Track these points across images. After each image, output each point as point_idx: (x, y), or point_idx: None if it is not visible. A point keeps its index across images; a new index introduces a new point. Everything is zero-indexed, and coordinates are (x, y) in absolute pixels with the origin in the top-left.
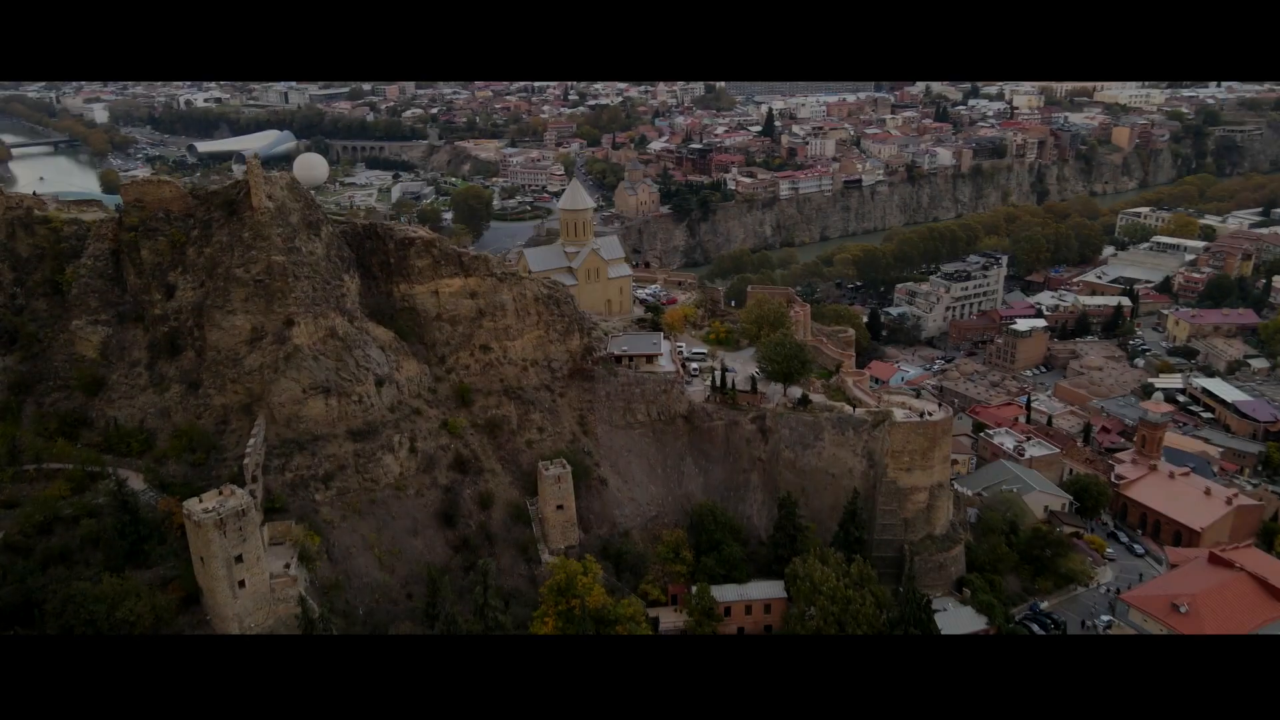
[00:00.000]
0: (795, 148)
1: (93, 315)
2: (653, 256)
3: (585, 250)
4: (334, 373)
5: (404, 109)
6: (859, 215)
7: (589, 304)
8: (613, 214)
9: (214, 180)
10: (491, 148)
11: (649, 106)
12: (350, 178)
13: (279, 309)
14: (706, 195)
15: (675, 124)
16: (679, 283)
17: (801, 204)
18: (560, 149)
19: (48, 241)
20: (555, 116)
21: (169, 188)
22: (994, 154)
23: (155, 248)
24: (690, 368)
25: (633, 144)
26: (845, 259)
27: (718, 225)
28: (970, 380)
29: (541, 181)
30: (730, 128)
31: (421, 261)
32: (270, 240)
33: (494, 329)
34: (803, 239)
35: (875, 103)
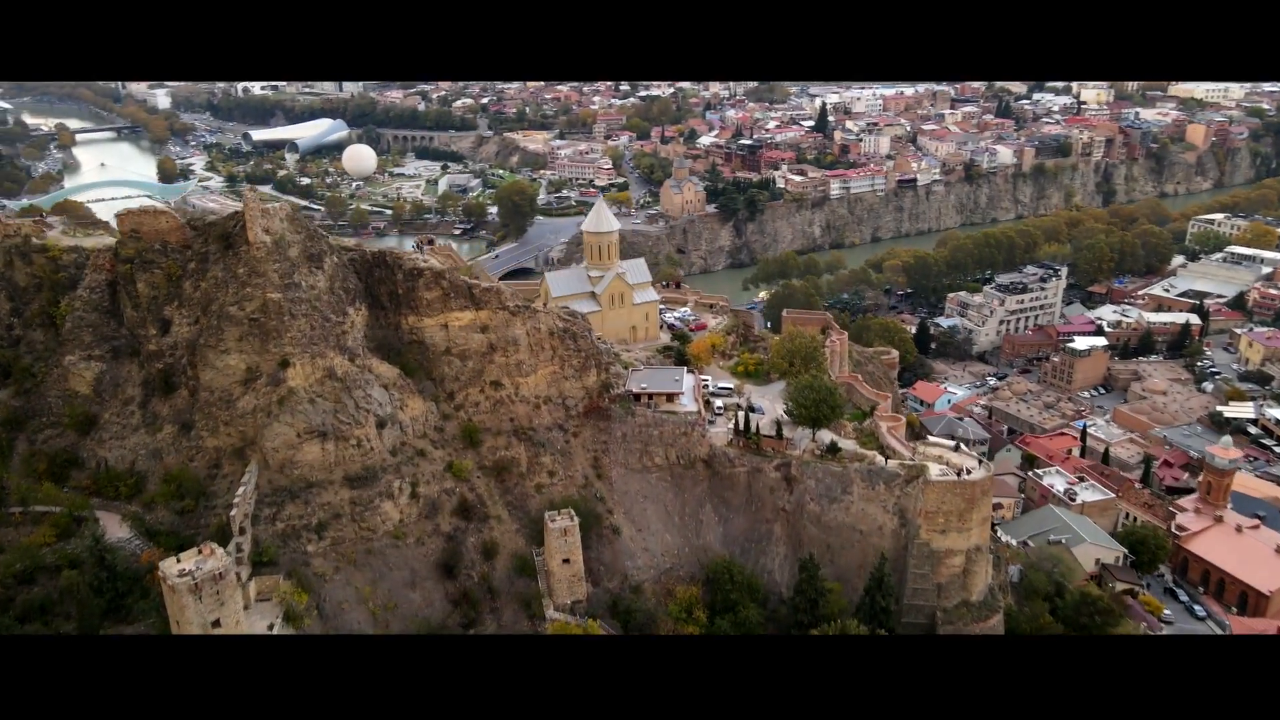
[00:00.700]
0: (848, 145)
1: (86, 351)
2: (697, 256)
3: (609, 275)
4: (331, 415)
5: (455, 99)
6: (912, 216)
7: (613, 331)
8: (657, 213)
9: (268, 168)
10: (540, 140)
11: (700, 98)
12: (399, 168)
13: (274, 349)
14: (754, 195)
15: (726, 117)
16: (710, 305)
17: (852, 204)
18: (609, 142)
19: (46, 271)
20: (605, 108)
21: (165, 218)
22: (1058, 152)
23: (151, 280)
24: (715, 405)
25: (682, 138)
26: (895, 265)
27: (765, 225)
28: (1023, 401)
29: (589, 175)
30: (782, 122)
31: (430, 293)
32: (266, 276)
33: (506, 364)
34: (853, 240)
35: (935, 96)
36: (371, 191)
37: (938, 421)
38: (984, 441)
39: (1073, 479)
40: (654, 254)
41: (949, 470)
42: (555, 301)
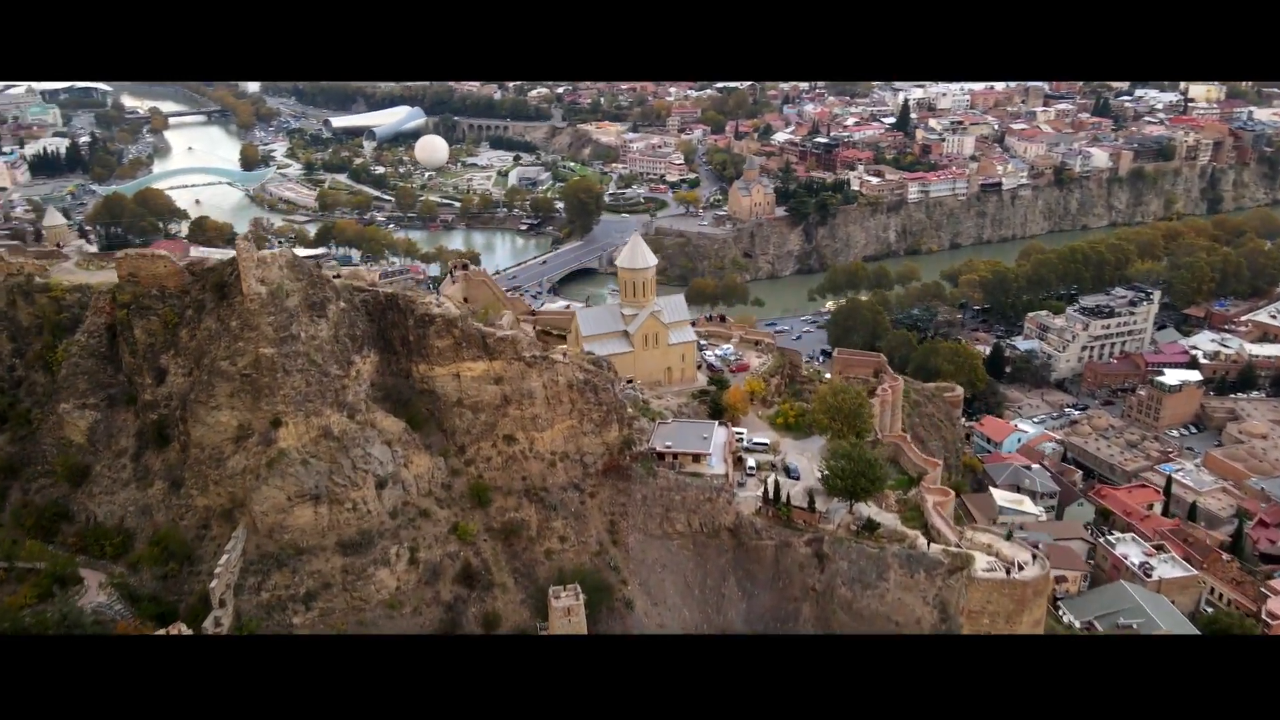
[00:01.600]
0: (930, 145)
1: (80, 399)
2: (764, 261)
3: (644, 314)
4: (326, 477)
5: (531, 88)
6: (996, 222)
7: (646, 372)
8: (725, 214)
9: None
10: (613, 132)
11: (779, 91)
12: (473, 158)
13: (266, 407)
14: (826, 198)
15: (804, 112)
16: (755, 342)
17: (931, 208)
18: (682, 136)
19: (48, 311)
20: (680, 100)
21: (163, 263)
22: (1159, 155)
23: (148, 327)
24: (747, 464)
25: (756, 134)
26: (971, 280)
27: (836, 229)
28: (1103, 438)
29: (660, 170)
30: (861, 119)
31: (442, 342)
32: (260, 330)
33: (520, 418)
34: (930, 246)
35: (1026, 92)
36: (443, 182)
37: (1003, 469)
38: (1053, 494)
39: (1150, 549)
40: (719, 257)
41: (998, 564)
42: (585, 340)
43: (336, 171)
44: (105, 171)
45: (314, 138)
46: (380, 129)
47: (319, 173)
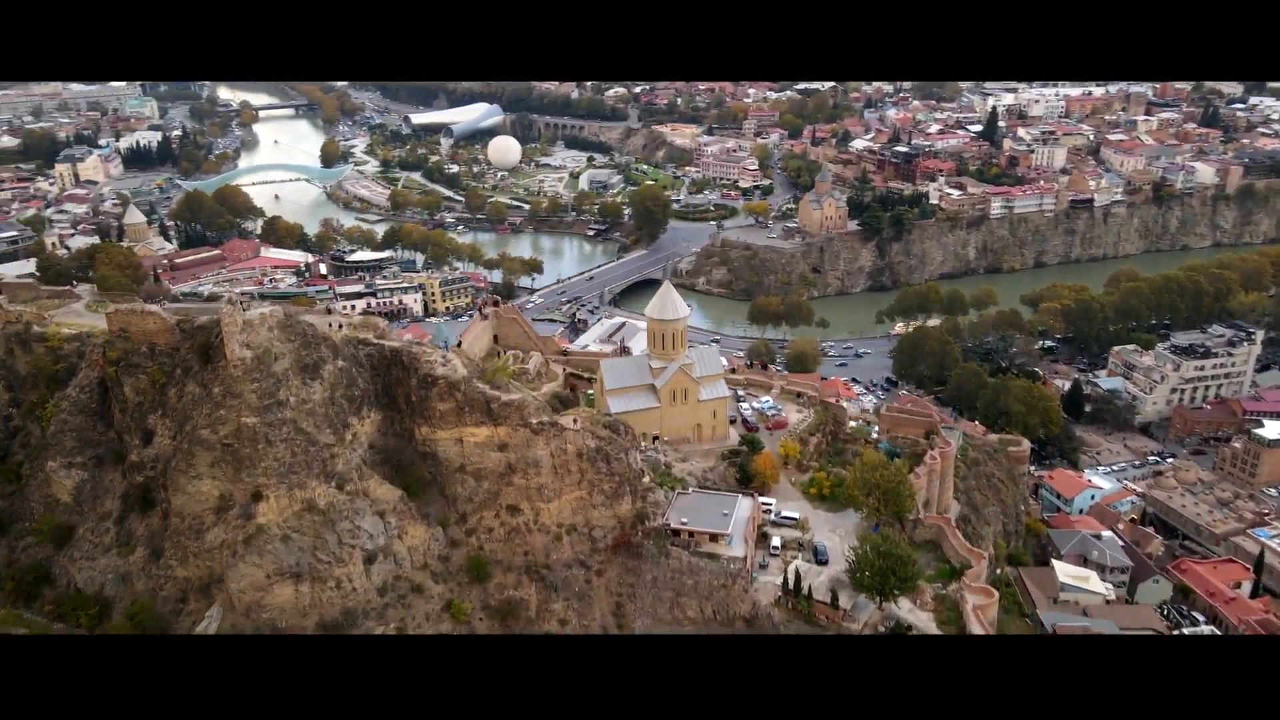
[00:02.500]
0: (1017, 156)
1: (67, 458)
2: (833, 277)
3: (672, 368)
4: (309, 554)
5: (608, 87)
6: (1085, 240)
7: (674, 429)
8: (794, 227)
9: (422, 153)
10: (688, 134)
11: (862, 94)
12: (547, 158)
13: (247, 478)
14: (901, 213)
15: (886, 117)
16: (798, 394)
17: (1015, 225)
18: (758, 140)
19: (45, 361)
20: (758, 102)
21: (153, 319)
22: (1272, 171)
23: (137, 385)
24: (771, 542)
25: (834, 140)
26: (1053, 309)
27: (912, 245)
28: (1189, 493)
29: (733, 175)
30: (946, 126)
31: (444, 405)
32: (243, 398)
33: (525, 488)
34: (1012, 265)
35: (1128, 99)
36: (515, 183)
37: (1069, 537)
38: (1124, 569)
39: None
40: (786, 272)
41: None
42: (609, 394)
43: (412, 169)
44: (192, 166)
45: (394, 134)
46: (458, 126)
47: (394, 170)
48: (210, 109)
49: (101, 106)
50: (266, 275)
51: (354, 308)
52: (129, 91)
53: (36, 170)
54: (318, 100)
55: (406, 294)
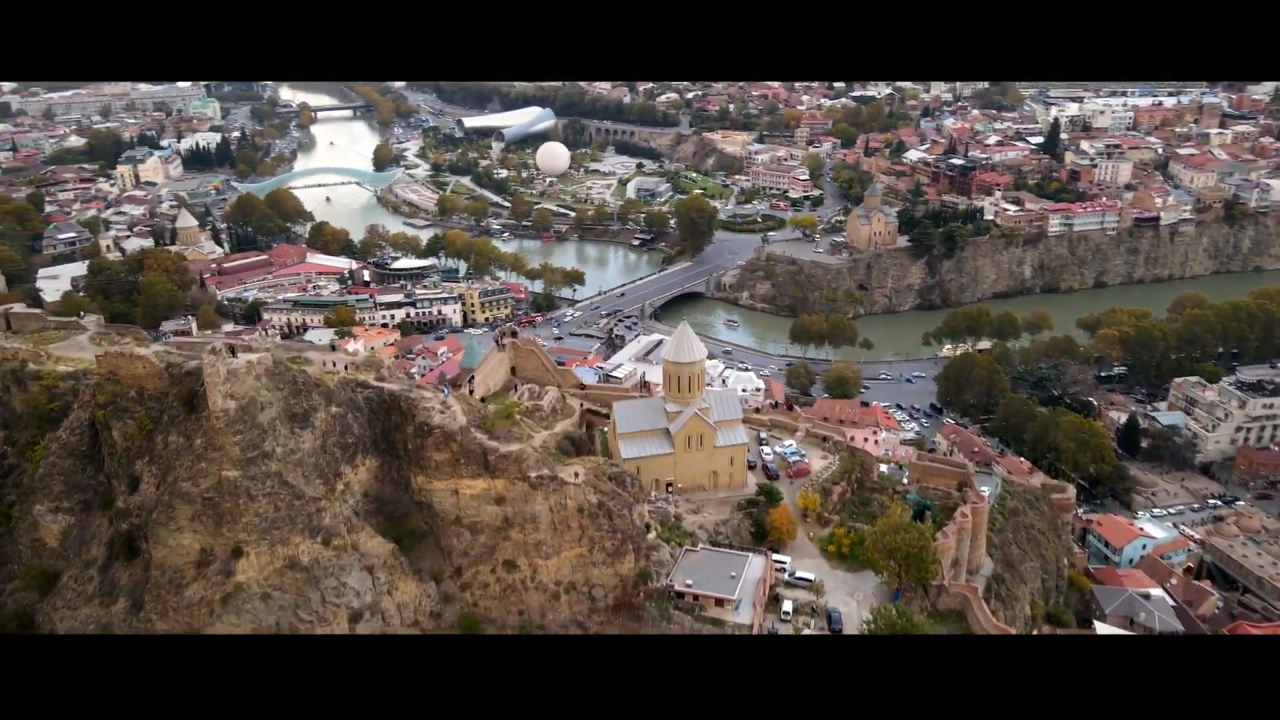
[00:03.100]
0: (1079, 171)
1: (54, 502)
2: (881, 295)
3: (688, 413)
4: (290, 612)
5: (660, 93)
6: (1150, 260)
7: (688, 476)
8: (842, 242)
9: (473, 157)
10: (739, 142)
11: (919, 101)
12: (596, 163)
13: (227, 533)
14: (953, 230)
15: (943, 127)
16: (824, 438)
17: (1074, 243)
18: (810, 148)
19: (39, 400)
20: (812, 109)
21: (142, 363)
22: None
23: (125, 430)
24: (782, 607)
25: (887, 150)
26: (1110, 336)
27: (964, 263)
28: (1253, 542)
29: (783, 185)
30: (1005, 137)
31: (440, 455)
32: (224, 450)
33: (523, 543)
34: (1070, 284)
35: (1201, 110)
36: (563, 189)
37: (1115, 596)
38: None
39: None
40: (832, 288)
41: None
42: (622, 438)
43: (462, 174)
44: (248, 168)
45: (446, 137)
46: (509, 130)
47: (444, 174)
48: (270, 110)
49: (167, 107)
50: (310, 281)
51: (393, 317)
52: (194, 92)
53: (99, 171)
54: (375, 102)
55: (445, 304)
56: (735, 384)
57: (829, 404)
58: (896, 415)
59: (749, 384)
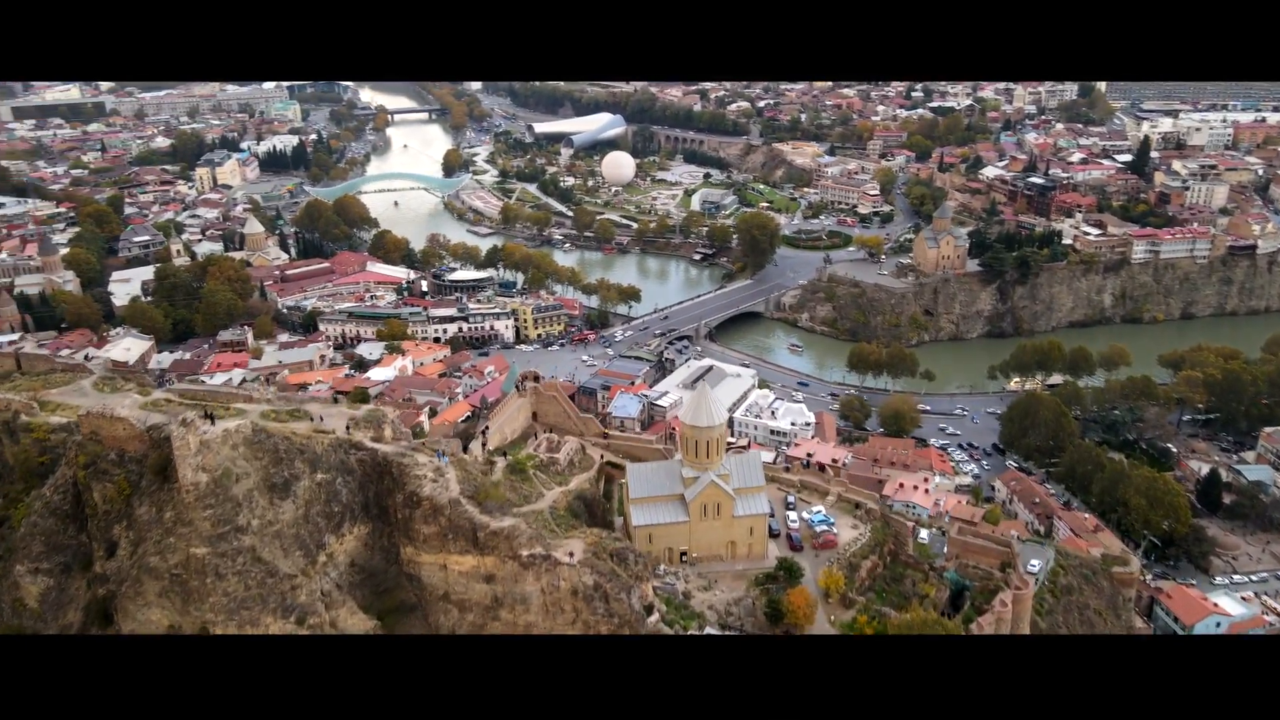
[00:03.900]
0: (1170, 193)
1: (34, 563)
2: (947, 321)
3: (704, 480)
4: None
5: (731, 100)
6: (1245, 291)
7: (704, 545)
8: (908, 264)
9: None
10: (809, 153)
11: (1001, 113)
12: (664, 172)
13: (195, 612)
14: (1027, 255)
15: (1024, 142)
16: (856, 505)
17: (1160, 271)
18: (882, 162)
19: (30, 453)
20: (887, 120)
21: (123, 425)
22: None
23: (104, 492)
24: None
25: (963, 165)
26: (1194, 378)
27: (1039, 289)
28: None
29: (852, 200)
30: (1091, 154)
31: (428, 528)
32: (194, 526)
33: (513, 624)
34: (1154, 314)
35: None
36: (628, 199)
37: None
38: None
39: None
40: (896, 313)
41: None
42: (633, 503)
43: (528, 181)
44: (321, 171)
45: (517, 142)
46: (579, 136)
47: (511, 181)
48: (348, 113)
49: (251, 109)
50: (369, 291)
51: (445, 331)
52: (277, 94)
53: (180, 173)
54: (449, 105)
55: (498, 319)
56: (785, 416)
57: (881, 442)
58: (955, 455)
59: (799, 417)
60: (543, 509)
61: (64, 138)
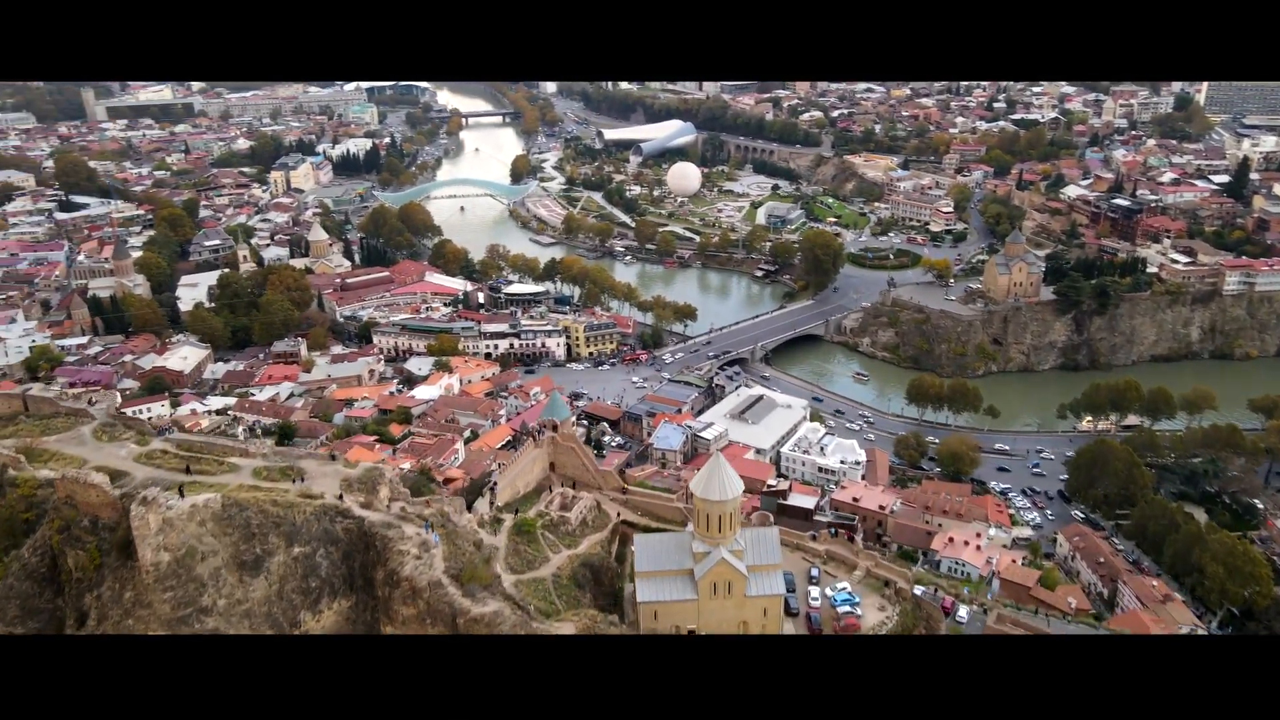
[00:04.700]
0: (1270, 219)
1: (9, 626)
2: (1017, 351)
3: (715, 556)
4: None
5: (804, 110)
6: None
7: (712, 625)
8: (977, 289)
9: (608, 171)
10: (881, 166)
11: (1088, 126)
12: (731, 183)
13: None
14: (1106, 284)
15: (1111, 159)
16: (886, 582)
17: (1255, 304)
18: (959, 177)
19: (16, 509)
20: (965, 132)
21: (96, 492)
22: None
23: (78, 560)
24: None
25: (1043, 183)
26: None
27: (1118, 320)
28: None
29: (924, 216)
30: (1184, 174)
31: (407, 609)
32: (153, 609)
33: None
34: (1247, 351)
35: None
36: (692, 210)
37: None
38: None
39: None
40: (962, 342)
41: None
42: (640, 577)
43: (595, 189)
44: (391, 176)
45: (586, 148)
46: (648, 144)
47: (578, 189)
48: (424, 115)
49: (330, 111)
50: (425, 302)
51: (496, 347)
52: (356, 96)
53: (256, 175)
54: (522, 109)
55: (550, 336)
56: (835, 453)
57: (935, 486)
58: (1016, 501)
59: (849, 454)
60: (545, 576)
61: (152, 138)
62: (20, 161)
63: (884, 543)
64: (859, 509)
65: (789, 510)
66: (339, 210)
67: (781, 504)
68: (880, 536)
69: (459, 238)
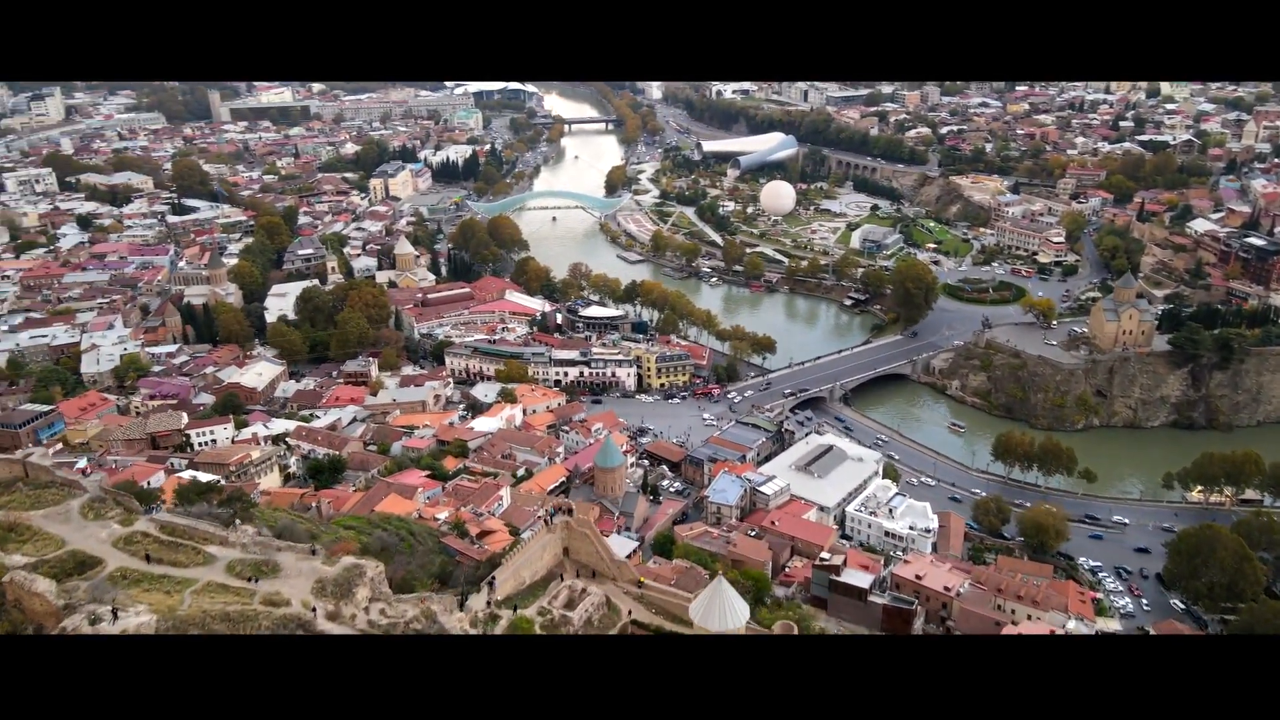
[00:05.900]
0: None
1: None
2: (1123, 405)
3: None
4: None
5: (911, 126)
6: None
7: None
8: (1080, 336)
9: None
10: (989, 189)
11: (1226, 151)
12: (829, 201)
13: None
14: (1230, 337)
15: (1249, 189)
16: None
17: None
18: (1073, 204)
19: None
20: (1084, 154)
21: (39, 600)
22: None
23: None
24: None
25: (1168, 215)
26: None
27: (1243, 377)
28: None
29: (1032, 245)
30: None
31: None
32: None
33: None
34: None
35: None
36: (786, 229)
37: None
38: None
39: None
40: (1061, 393)
41: None
42: None
43: (688, 204)
44: (486, 185)
45: (685, 159)
46: (747, 157)
47: (671, 203)
48: (527, 121)
49: (438, 115)
50: (502, 322)
51: (565, 374)
52: (464, 100)
53: (358, 181)
54: (624, 116)
55: (620, 366)
56: (904, 516)
57: (1012, 564)
58: (1107, 583)
59: (920, 519)
60: None
61: (266, 141)
62: (141, 163)
63: (948, 628)
64: (921, 588)
65: (841, 588)
66: (432, 219)
67: (834, 580)
68: (945, 619)
69: (546, 251)
